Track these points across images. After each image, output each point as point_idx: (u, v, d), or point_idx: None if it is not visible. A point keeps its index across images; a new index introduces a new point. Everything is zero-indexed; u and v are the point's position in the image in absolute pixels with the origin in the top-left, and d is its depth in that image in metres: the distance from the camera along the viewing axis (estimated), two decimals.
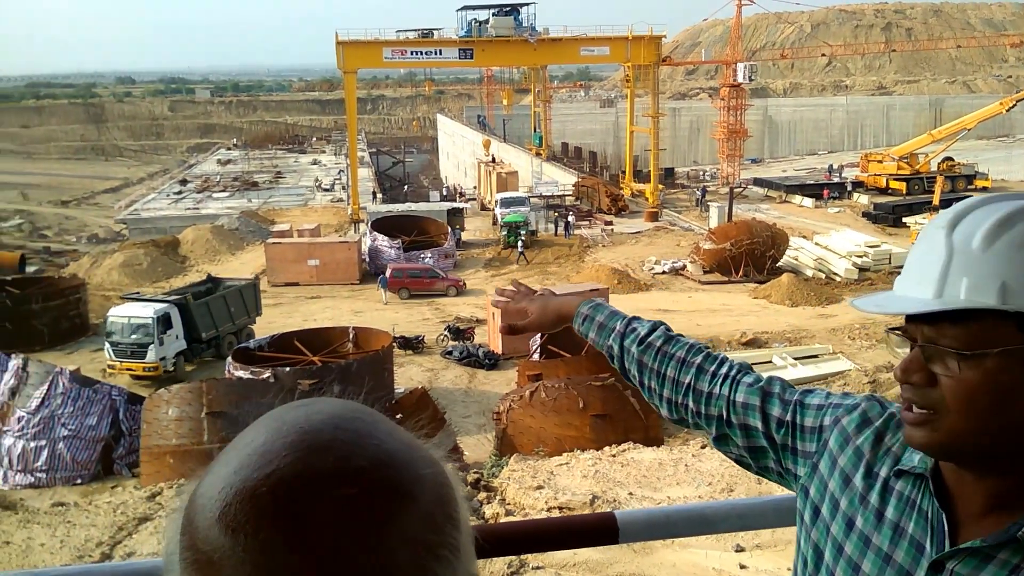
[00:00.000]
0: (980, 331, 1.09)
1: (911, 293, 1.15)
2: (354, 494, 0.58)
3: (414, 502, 0.61)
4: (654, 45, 54.45)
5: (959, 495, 1.20)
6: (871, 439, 1.34)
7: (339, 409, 0.65)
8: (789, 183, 60.07)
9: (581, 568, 4.26)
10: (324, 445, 0.60)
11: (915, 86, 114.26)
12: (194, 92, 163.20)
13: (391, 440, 0.64)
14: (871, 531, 1.27)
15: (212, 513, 0.59)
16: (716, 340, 26.92)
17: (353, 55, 49.59)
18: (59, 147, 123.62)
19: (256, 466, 0.59)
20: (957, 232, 1.13)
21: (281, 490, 0.58)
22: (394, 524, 0.59)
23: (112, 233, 62.94)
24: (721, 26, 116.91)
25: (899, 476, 1.28)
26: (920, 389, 1.15)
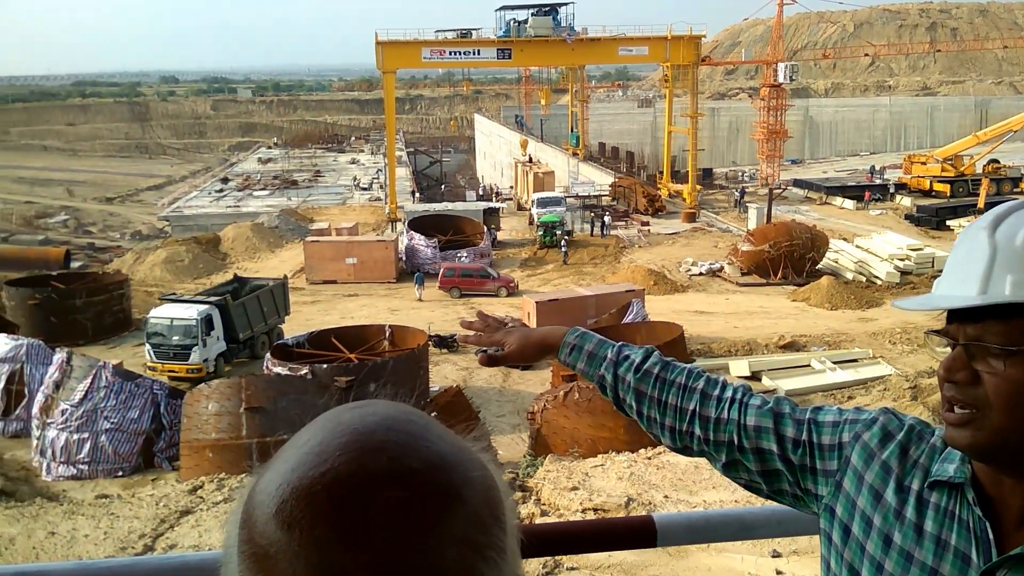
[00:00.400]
0: (1022, 327, 1.10)
1: (954, 292, 1.16)
2: (406, 495, 0.60)
3: (463, 504, 0.62)
4: (693, 45, 54.08)
5: (999, 502, 1.19)
6: (896, 452, 1.32)
7: (392, 411, 0.67)
8: (830, 184, 59.33)
9: (616, 570, 4.26)
10: (377, 446, 0.62)
11: (960, 87, 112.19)
12: (236, 91, 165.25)
13: (442, 443, 0.65)
14: (912, 546, 1.25)
15: (269, 509, 0.61)
16: (753, 343, 26.69)
17: (392, 55, 49.89)
18: (104, 145, 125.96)
19: (312, 465, 0.62)
20: (1000, 232, 1.14)
21: (336, 489, 0.60)
22: (443, 525, 0.61)
23: (155, 230, 64.05)
24: (762, 25, 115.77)
25: (933, 488, 1.26)
26: (964, 387, 1.14)
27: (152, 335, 25.45)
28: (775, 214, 45.06)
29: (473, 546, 0.61)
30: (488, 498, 0.65)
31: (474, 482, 0.64)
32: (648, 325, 24.30)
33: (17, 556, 10.07)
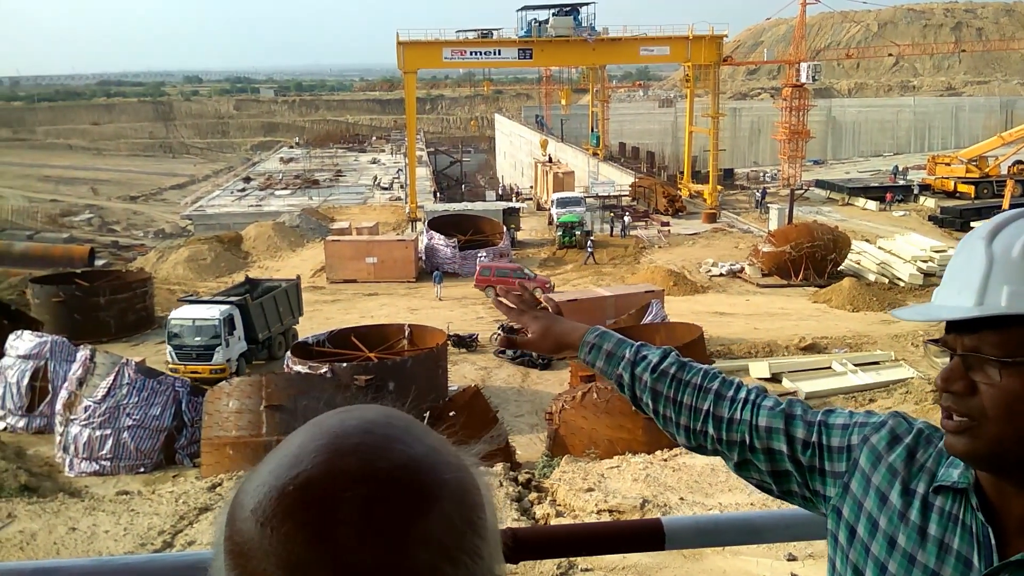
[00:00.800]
0: (1020, 338, 1.10)
1: (951, 302, 1.17)
2: (374, 495, 0.61)
3: (433, 506, 0.63)
4: (715, 45, 53.86)
5: (1002, 508, 1.20)
6: (903, 456, 1.34)
7: (373, 415, 0.69)
8: (852, 185, 58.89)
9: (630, 572, 4.25)
10: (351, 448, 0.64)
11: (985, 87, 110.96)
12: (258, 91, 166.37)
13: (418, 445, 0.66)
14: (915, 548, 1.26)
15: (247, 508, 0.64)
16: (774, 344, 26.52)
17: (413, 55, 50.03)
18: (128, 144, 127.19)
19: (288, 466, 0.64)
20: (997, 242, 1.14)
21: (307, 489, 0.62)
22: (411, 525, 0.61)
23: (178, 229, 64.60)
24: (784, 25, 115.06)
25: (938, 492, 1.27)
26: (961, 398, 1.15)
27: (173, 336, 25.19)
28: (797, 215, 44.77)
29: (442, 548, 0.62)
30: (463, 501, 0.65)
31: (447, 484, 0.65)
32: (667, 326, 24.21)
33: (38, 551, 10.19)
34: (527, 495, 6.36)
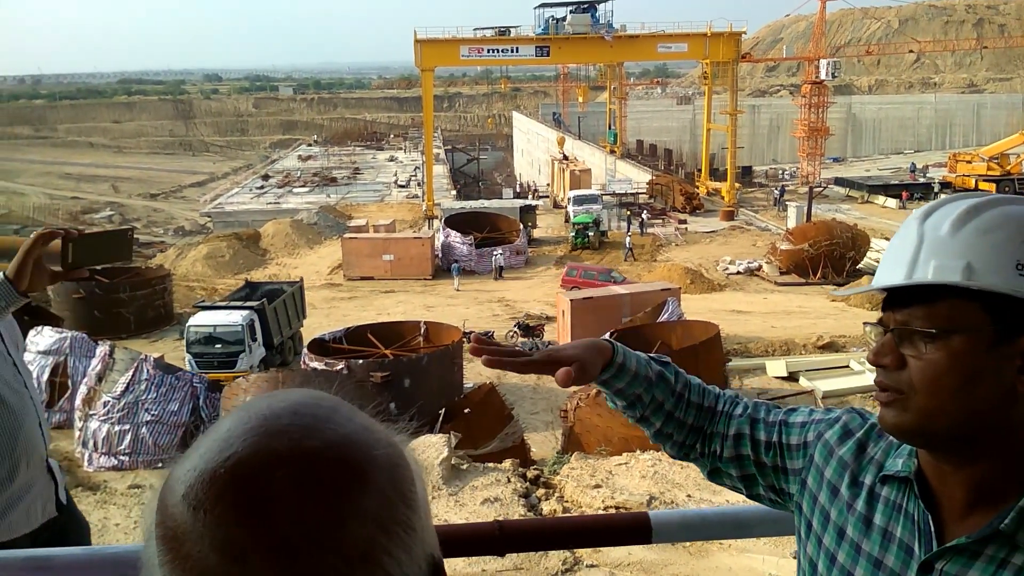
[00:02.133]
0: (947, 311, 1.14)
1: (884, 279, 1.22)
2: (305, 473, 0.62)
3: (365, 481, 0.64)
4: (733, 41, 53.59)
5: (942, 495, 1.23)
6: (853, 449, 1.37)
7: (301, 397, 0.69)
8: (872, 183, 58.44)
9: (635, 568, 4.25)
10: (281, 429, 0.64)
11: (1008, 84, 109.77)
12: (277, 89, 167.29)
13: (348, 424, 0.67)
14: (861, 538, 1.30)
15: (178, 492, 0.63)
16: (791, 343, 26.37)
17: (431, 53, 50.11)
18: (148, 142, 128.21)
19: (218, 450, 0.64)
20: (929, 222, 1.20)
21: (237, 470, 0.62)
22: (344, 501, 0.62)
23: (197, 226, 65.09)
24: (804, 22, 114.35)
25: (884, 482, 1.30)
26: (891, 372, 1.19)
27: (193, 344, 24.39)
28: (815, 213, 44.49)
29: (377, 521, 0.63)
30: (394, 476, 0.66)
31: (377, 460, 0.65)
32: (684, 324, 24.13)
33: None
34: (535, 491, 6.38)
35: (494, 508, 5.87)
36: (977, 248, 1.14)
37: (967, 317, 1.13)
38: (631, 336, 23.33)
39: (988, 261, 1.13)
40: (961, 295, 1.13)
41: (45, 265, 2.33)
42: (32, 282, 2.32)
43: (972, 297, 1.12)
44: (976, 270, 1.12)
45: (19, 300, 2.34)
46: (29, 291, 2.34)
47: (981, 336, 1.12)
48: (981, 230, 1.15)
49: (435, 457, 6.30)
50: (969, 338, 1.13)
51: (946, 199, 1.22)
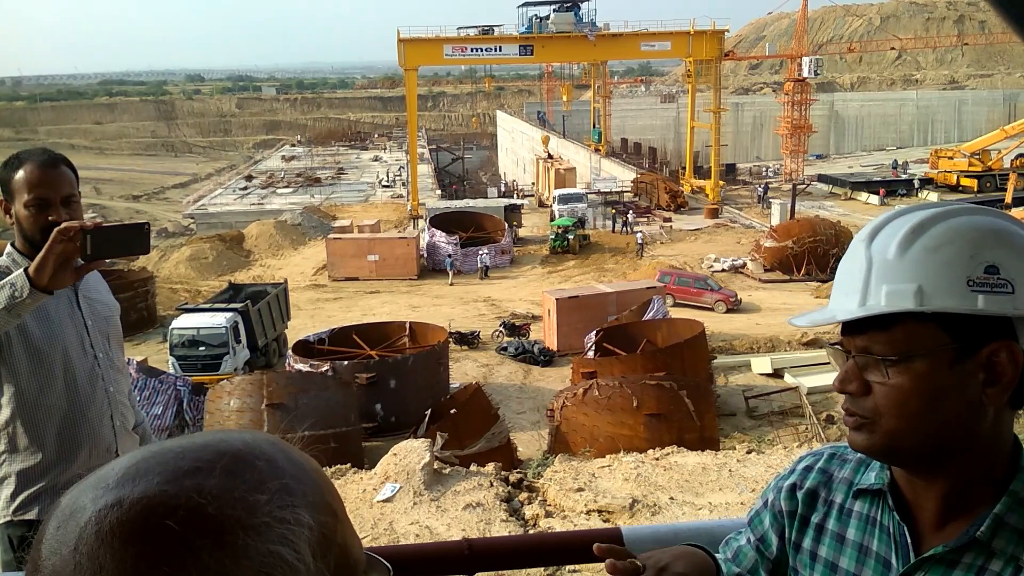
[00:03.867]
0: (904, 336, 1.13)
1: (840, 306, 1.19)
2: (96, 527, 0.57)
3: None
4: (716, 39, 53.79)
5: (916, 506, 1.22)
6: (818, 479, 1.36)
7: (214, 441, 0.64)
8: (855, 180, 58.79)
9: None
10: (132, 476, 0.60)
11: (989, 80, 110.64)
12: (260, 89, 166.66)
13: (183, 481, 0.60)
14: (836, 556, 1.29)
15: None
16: (776, 340, 26.49)
17: (414, 52, 50.03)
18: (131, 143, 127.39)
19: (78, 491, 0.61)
20: (875, 243, 1.17)
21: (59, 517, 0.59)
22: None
23: (180, 227, 64.67)
24: (786, 19, 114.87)
25: (857, 496, 1.29)
26: (857, 398, 1.18)
27: (176, 346, 24.07)
28: (799, 210, 44.73)
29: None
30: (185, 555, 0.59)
31: (169, 530, 0.59)
32: (669, 322, 24.21)
33: None
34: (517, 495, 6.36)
35: (476, 513, 5.84)
36: (927, 269, 1.12)
37: (925, 340, 1.12)
38: (617, 334, 23.40)
39: (939, 282, 1.11)
40: (917, 318, 1.12)
41: (70, 260, 2.36)
42: (55, 278, 2.35)
43: (928, 319, 1.11)
44: (927, 292, 1.11)
45: (40, 296, 2.37)
46: (51, 287, 2.37)
47: (942, 356, 1.11)
48: (929, 248, 1.12)
49: (416, 462, 6.28)
50: (930, 360, 1.12)
51: (889, 216, 1.20)
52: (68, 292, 2.60)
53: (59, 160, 2.59)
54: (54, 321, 2.57)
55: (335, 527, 0.64)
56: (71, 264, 2.36)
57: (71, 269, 2.38)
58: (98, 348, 2.71)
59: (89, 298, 2.70)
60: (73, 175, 2.61)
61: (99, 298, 2.77)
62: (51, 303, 2.51)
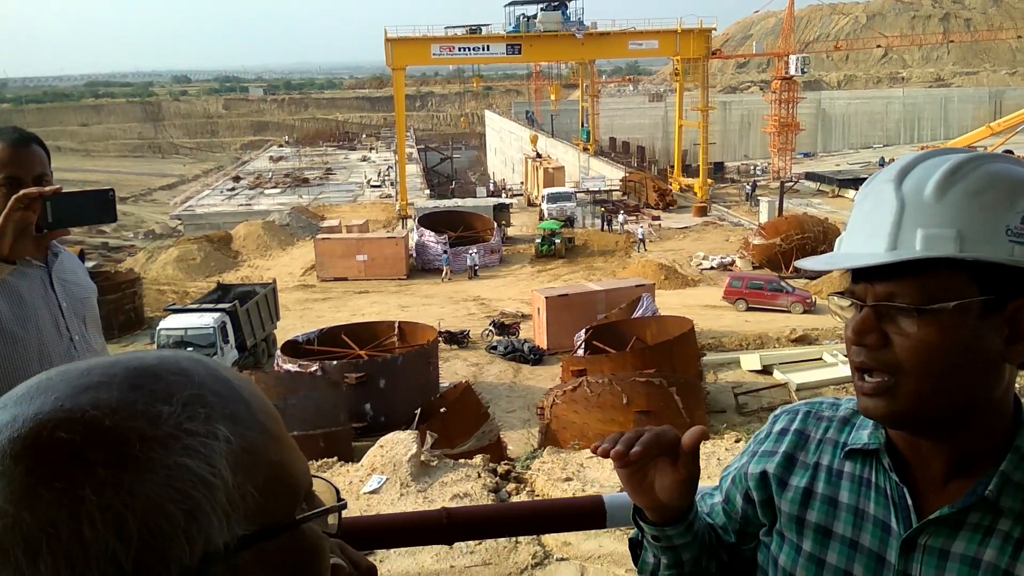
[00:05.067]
0: (935, 284, 1.05)
1: (861, 249, 1.10)
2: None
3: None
4: (704, 38, 53.92)
5: (916, 465, 1.15)
6: (794, 440, 1.28)
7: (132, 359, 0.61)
8: (842, 177, 59.04)
9: (606, 560, 4.24)
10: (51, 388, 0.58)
11: (974, 78, 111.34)
12: (247, 90, 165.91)
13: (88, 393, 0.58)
14: (828, 520, 1.21)
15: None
16: (765, 336, 26.56)
17: (402, 52, 49.96)
18: (117, 145, 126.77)
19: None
20: (907, 184, 1.08)
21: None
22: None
23: (168, 229, 64.37)
24: (773, 18, 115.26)
25: (847, 457, 1.22)
26: (874, 352, 1.09)
27: (164, 347, 23.33)
28: (787, 207, 44.88)
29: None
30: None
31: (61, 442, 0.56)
32: (658, 320, 24.25)
33: None
34: (504, 486, 6.34)
35: (464, 503, 5.83)
36: (967, 213, 1.04)
37: (956, 290, 1.04)
38: (607, 332, 23.42)
39: (980, 228, 1.03)
40: (950, 266, 1.04)
41: (28, 228, 2.30)
42: (14, 247, 2.29)
43: (959, 268, 1.04)
44: (968, 239, 1.03)
45: (2, 267, 2.32)
46: (11, 257, 2.31)
47: (971, 308, 1.04)
48: (970, 193, 1.05)
49: (403, 454, 6.26)
50: (960, 312, 1.04)
51: (918, 156, 1.12)
52: (41, 273, 2.53)
53: (30, 139, 2.55)
54: (27, 303, 2.50)
55: (264, 444, 0.60)
56: (30, 232, 2.30)
57: (31, 237, 2.31)
58: (74, 330, 2.63)
59: (64, 279, 2.63)
60: (45, 154, 2.58)
61: (74, 279, 2.70)
62: (24, 284, 2.46)
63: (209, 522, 0.54)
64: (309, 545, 0.62)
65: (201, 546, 0.53)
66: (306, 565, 0.62)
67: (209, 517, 0.54)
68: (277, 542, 0.59)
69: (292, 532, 0.61)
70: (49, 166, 2.57)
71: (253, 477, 0.57)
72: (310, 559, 0.62)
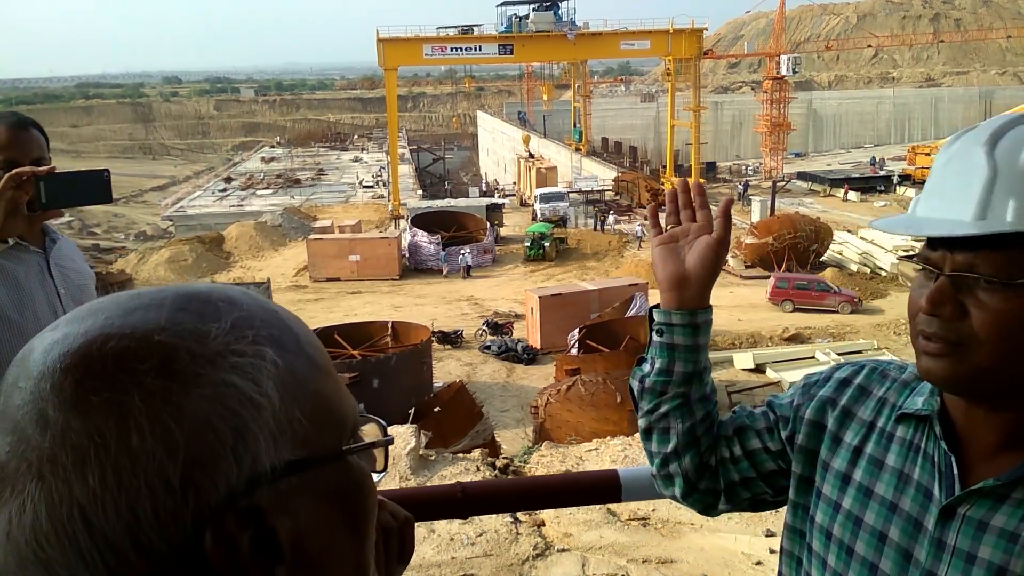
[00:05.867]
0: (1021, 258, 1.00)
1: (945, 214, 1.05)
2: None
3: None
4: (695, 38, 54.02)
5: (968, 435, 1.13)
6: (855, 395, 1.26)
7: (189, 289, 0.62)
8: (833, 177, 59.25)
9: (607, 551, 4.25)
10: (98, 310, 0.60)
11: (964, 77, 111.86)
12: (239, 91, 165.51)
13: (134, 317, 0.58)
14: (871, 481, 1.19)
15: None
16: (758, 335, 26.64)
17: (394, 52, 49.90)
18: (107, 146, 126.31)
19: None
20: (1000, 149, 1.02)
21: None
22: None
23: (159, 230, 64.19)
24: (764, 18, 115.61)
25: (900, 421, 1.20)
26: (950, 322, 1.05)
27: None
28: (778, 207, 44.97)
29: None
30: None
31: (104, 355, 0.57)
32: None
33: None
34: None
35: None
36: None
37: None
38: (600, 331, 23.44)
39: None
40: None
41: (20, 207, 2.29)
42: (6, 225, 2.28)
43: None
44: None
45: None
46: (3, 236, 2.31)
47: None
48: None
49: (402, 448, 6.25)
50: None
51: (1011, 119, 1.05)
52: (39, 259, 2.51)
53: (29, 123, 2.55)
54: (24, 289, 2.48)
55: (312, 374, 0.60)
56: (23, 211, 2.29)
57: (23, 216, 2.31)
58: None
59: (62, 266, 2.62)
60: (43, 139, 2.57)
61: (72, 266, 2.68)
62: (21, 270, 2.44)
63: (256, 442, 0.54)
64: (356, 480, 0.62)
65: (248, 465, 0.53)
66: (352, 499, 0.62)
67: (256, 437, 0.54)
68: (324, 472, 0.59)
69: (339, 465, 0.60)
70: (48, 151, 2.56)
71: (300, 403, 0.58)
72: (356, 494, 0.62)
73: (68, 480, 0.50)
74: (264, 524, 0.54)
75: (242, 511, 0.53)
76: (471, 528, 4.19)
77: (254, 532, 0.53)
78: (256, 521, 0.53)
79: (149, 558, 0.51)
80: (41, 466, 0.51)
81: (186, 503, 0.51)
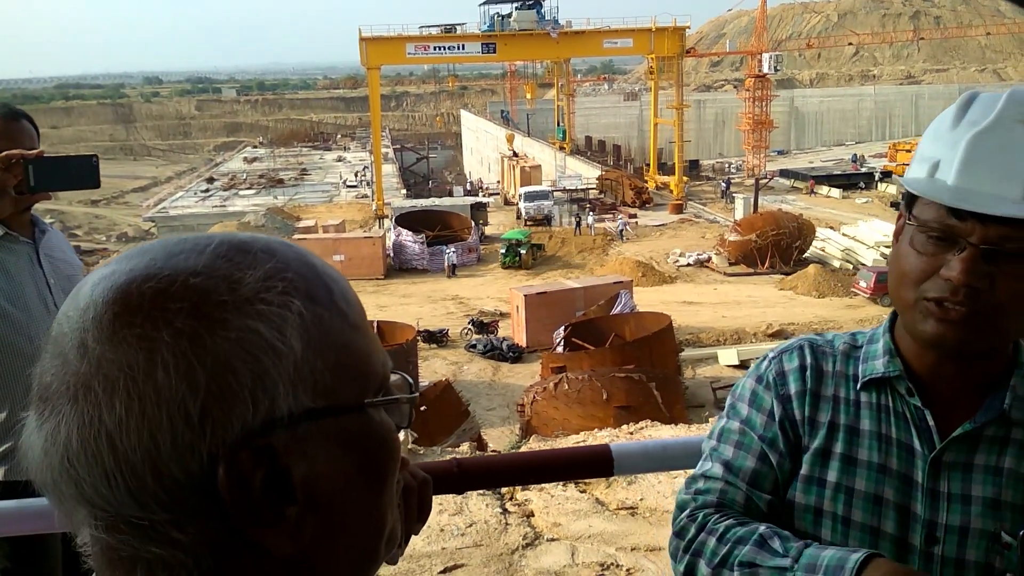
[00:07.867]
0: None
1: (987, 188, 1.04)
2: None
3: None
4: (678, 36, 54.19)
5: (935, 389, 1.18)
6: (815, 376, 1.25)
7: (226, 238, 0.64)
8: (815, 174, 59.61)
9: (596, 539, 4.28)
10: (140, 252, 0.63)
11: (944, 75, 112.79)
12: (220, 91, 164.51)
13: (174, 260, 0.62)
14: (852, 449, 1.21)
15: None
16: (742, 332, 26.76)
17: (376, 51, 49.79)
18: (88, 147, 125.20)
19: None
20: None
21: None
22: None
23: (141, 231, 63.74)
24: (746, 16, 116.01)
25: (863, 388, 1.22)
26: (979, 293, 1.06)
27: None
28: (761, 204, 45.23)
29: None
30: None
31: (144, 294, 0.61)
32: (636, 316, 24.36)
33: None
34: None
35: None
36: None
37: None
38: (586, 328, 23.50)
39: None
40: None
41: (7, 189, 2.29)
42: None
43: None
44: None
45: None
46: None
47: None
48: None
49: None
50: None
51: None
52: (28, 249, 2.52)
53: (20, 114, 2.55)
54: (14, 278, 2.49)
55: (339, 326, 0.62)
56: (9, 194, 2.29)
57: (10, 198, 2.31)
58: (60, 302, 2.62)
59: (51, 256, 2.62)
60: (35, 130, 2.57)
61: (62, 256, 2.69)
62: (11, 260, 2.45)
63: (275, 387, 0.57)
64: (377, 433, 0.63)
65: (266, 408, 0.56)
66: (371, 451, 0.63)
67: (275, 382, 0.57)
68: (343, 422, 0.61)
69: (361, 417, 0.62)
70: (38, 143, 2.56)
71: (324, 355, 0.60)
72: (379, 448, 0.63)
73: (98, 405, 0.54)
74: (278, 465, 0.56)
75: (257, 449, 0.56)
76: (461, 519, 4.21)
77: (268, 471, 0.56)
78: (270, 460, 0.56)
79: (165, 484, 0.54)
80: (77, 391, 0.55)
81: (203, 436, 0.54)
